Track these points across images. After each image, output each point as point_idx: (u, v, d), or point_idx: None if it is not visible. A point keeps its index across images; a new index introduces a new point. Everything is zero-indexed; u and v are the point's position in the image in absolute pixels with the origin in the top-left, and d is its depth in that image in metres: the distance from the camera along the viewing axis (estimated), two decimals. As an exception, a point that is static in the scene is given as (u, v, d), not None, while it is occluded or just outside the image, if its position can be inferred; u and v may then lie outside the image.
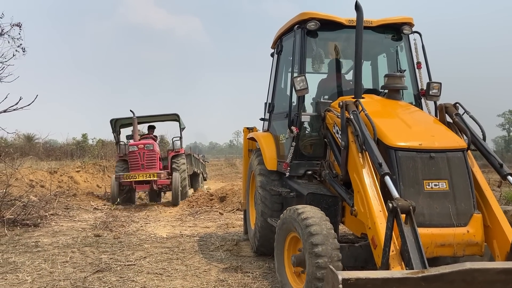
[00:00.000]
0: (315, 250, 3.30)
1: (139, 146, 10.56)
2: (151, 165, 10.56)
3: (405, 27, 5.07)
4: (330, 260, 3.27)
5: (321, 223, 3.47)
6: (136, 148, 10.54)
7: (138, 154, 10.50)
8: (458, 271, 2.16)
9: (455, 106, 4.20)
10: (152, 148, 10.62)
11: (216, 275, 4.80)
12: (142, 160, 10.46)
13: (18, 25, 7.32)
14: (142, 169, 10.36)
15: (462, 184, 3.49)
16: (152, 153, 10.63)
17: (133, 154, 10.58)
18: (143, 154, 10.50)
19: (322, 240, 3.34)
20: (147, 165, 10.47)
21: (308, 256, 3.37)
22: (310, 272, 3.34)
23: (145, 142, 10.76)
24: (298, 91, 4.57)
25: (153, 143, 10.85)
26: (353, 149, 3.76)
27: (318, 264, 3.25)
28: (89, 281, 4.58)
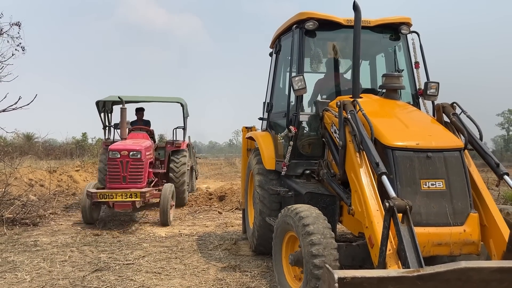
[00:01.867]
0: (312, 250, 3.32)
1: (122, 152, 7.51)
2: (136, 178, 7.56)
3: (403, 27, 5.09)
4: (327, 260, 3.28)
5: (318, 222, 3.50)
6: (118, 154, 7.50)
7: (120, 163, 7.48)
8: (454, 270, 2.18)
9: (453, 105, 4.22)
10: (139, 157, 7.60)
11: (214, 274, 4.82)
12: (124, 171, 7.47)
13: (17, 24, 7.33)
14: (124, 182, 7.43)
15: (459, 183, 3.51)
16: (138, 163, 7.60)
17: (114, 162, 7.51)
18: (126, 164, 7.48)
19: (319, 239, 3.36)
20: (131, 179, 7.51)
21: (305, 255, 3.38)
22: (307, 271, 3.35)
23: (131, 148, 7.66)
24: (296, 91, 4.58)
25: (141, 150, 7.72)
26: (350, 149, 3.78)
27: (315, 263, 3.27)
28: (88, 280, 4.60)
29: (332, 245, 3.38)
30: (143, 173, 7.70)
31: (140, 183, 7.54)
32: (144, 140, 8.63)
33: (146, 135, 9.07)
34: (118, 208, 7.20)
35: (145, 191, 7.22)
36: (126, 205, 7.09)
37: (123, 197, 7.07)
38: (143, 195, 7.14)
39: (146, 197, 7.26)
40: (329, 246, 3.36)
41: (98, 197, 7.03)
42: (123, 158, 7.49)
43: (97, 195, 7.04)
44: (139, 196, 7.10)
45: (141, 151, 7.71)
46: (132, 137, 8.77)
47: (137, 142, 8.22)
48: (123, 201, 7.06)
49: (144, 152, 7.80)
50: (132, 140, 8.39)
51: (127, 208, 7.19)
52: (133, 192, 7.13)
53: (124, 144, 7.85)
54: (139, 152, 7.67)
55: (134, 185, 7.43)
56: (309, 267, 3.31)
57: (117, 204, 7.09)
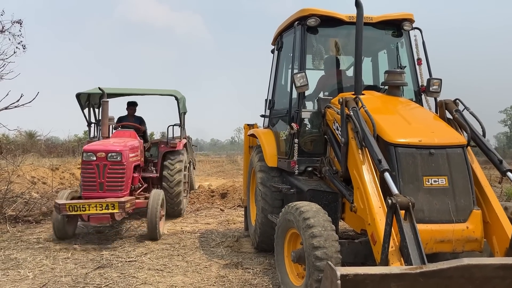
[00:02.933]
0: (313, 242, 3.33)
1: (99, 154, 6.18)
2: (115, 185, 6.24)
3: (406, 23, 5.07)
4: (328, 251, 3.30)
5: (318, 215, 3.51)
6: (93, 157, 6.17)
7: (96, 167, 6.15)
8: (456, 267, 2.17)
9: (455, 102, 4.21)
10: (120, 160, 6.27)
11: (216, 271, 4.82)
12: (101, 177, 6.16)
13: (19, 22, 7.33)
14: (101, 191, 6.14)
15: (461, 180, 3.49)
16: (118, 167, 6.26)
17: (88, 166, 6.19)
18: (104, 168, 6.17)
19: (320, 232, 3.37)
20: (109, 186, 6.20)
21: (307, 248, 3.39)
22: (309, 264, 3.36)
23: (110, 149, 6.29)
24: (298, 88, 4.57)
25: (122, 151, 6.35)
26: (353, 146, 3.77)
27: (316, 255, 3.27)
28: (90, 277, 4.61)
29: (333, 237, 3.39)
30: (125, 179, 6.33)
31: (120, 191, 6.23)
32: (130, 139, 7.17)
33: (134, 133, 7.53)
34: (94, 222, 5.97)
35: (124, 201, 5.86)
36: (103, 218, 5.86)
37: (98, 208, 5.78)
38: (122, 206, 5.82)
39: (126, 208, 5.93)
40: (330, 238, 3.37)
41: (68, 209, 5.73)
42: (99, 161, 6.15)
43: (65, 207, 5.71)
44: (117, 207, 5.81)
45: (122, 152, 6.29)
46: (117, 135, 7.36)
47: (119, 141, 6.79)
48: (98, 214, 5.81)
49: (126, 153, 6.39)
50: (113, 139, 7.00)
51: (105, 222, 6.04)
52: (110, 202, 5.83)
53: (102, 144, 6.47)
54: (120, 154, 6.26)
55: (113, 193, 6.14)
56: (311, 260, 3.32)
57: (92, 217, 5.85)
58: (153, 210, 6.21)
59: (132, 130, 7.61)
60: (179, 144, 8.18)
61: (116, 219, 5.99)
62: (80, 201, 5.88)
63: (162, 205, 6.61)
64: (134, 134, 7.49)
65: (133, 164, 6.75)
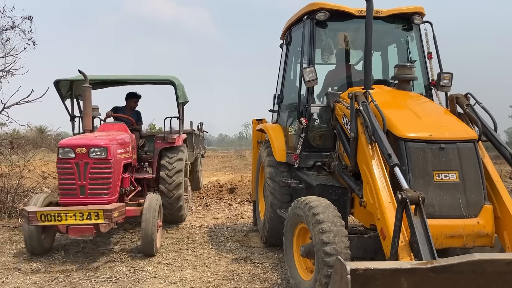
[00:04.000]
0: (322, 237, 3.32)
1: (78, 149, 4.98)
2: (100, 189, 5.05)
3: (416, 17, 5.02)
4: (337, 247, 3.29)
5: (328, 210, 3.50)
6: (72, 153, 4.98)
7: (75, 166, 4.96)
8: (468, 262, 2.16)
9: (466, 96, 4.17)
10: (105, 156, 5.07)
11: (225, 266, 4.85)
12: (82, 178, 4.97)
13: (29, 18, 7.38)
14: (82, 196, 4.97)
15: (472, 175, 3.46)
16: (103, 165, 5.07)
17: (66, 165, 4.99)
18: (85, 167, 4.97)
19: (329, 227, 3.36)
20: (92, 190, 5.01)
21: (316, 243, 3.39)
22: (318, 259, 3.36)
23: (92, 143, 5.08)
24: (307, 82, 4.56)
25: (107, 146, 5.11)
26: (362, 140, 3.75)
27: (326, 251, 3.27)
28: (101, 270, 4.66)
29: (342, 232, 3.38)
30: (112, 180, 5.09)
31: (106, 196, 5.02)
32: (119, 132, 5.93)
33: (124, 126, 6.22)
34: (74, 235, 4.72)
35: (111, 209, 4.69)
36: (85, 229, 4.68)
37: (78, 218, 4.62)
38: (108, 215, 4.66)
39: (114, 218, 4.75)
40: (340, 234, 3.36)
41: (39, 218, 4.60)
42: (80, 158, 4.93)
43: (36, 216, 4.60)
44: (102, 216, 4.64)
45: (108, 147, 5.07)
46: (104, 129, 6.12)
47: (104, 134, 5.60)
48: (78, 225, 4.66)
49: (113, 149, 5.17)
50: (98, 133, 5.85)
51: (88, 234, 4.72)
52: (93, 210, 4.65)
53: (83, 138, 5.26)
54: (105, 149, 5.03)
55: (98, 199, 4.96)
56: (320, 255, 3.31)
57: (71, 228, 4.70)
58: (149, 221, 5.05)
59: (122, 123, 6.29)
60: (178, 139, 6.90)
61: (102, 231, 4.76)
62: (55, 209, 4.74)
63: (159, 213, 5.47)
64: (124, 127, 6.20)
65: (123, 162, 5.49)
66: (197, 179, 10.43)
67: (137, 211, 5.31)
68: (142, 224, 5.06)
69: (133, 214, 5.36)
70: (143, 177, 6.47)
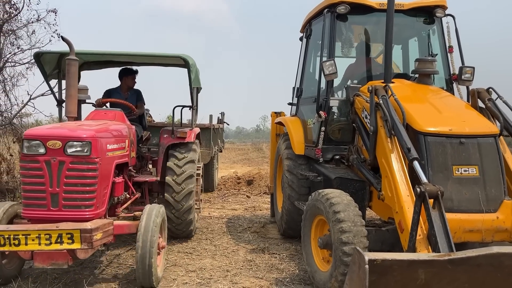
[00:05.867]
0: (342, 237, 3.35)
1: (50, 143, 3.55)
2: (80, 199, 3.63)
3: (438, 10, 4.98)
4: (353, 224, 3.34)
5: (348, 209, 3.51)
6: (42, 148, 3.55)
7: (46, 165, 3.55)
8: (485, 255, 2.18)
9: (488, 91, 4.14)
10: (88, 154, 3.62)
11: (244, 256, 4.94)
12: (55, 183, 3.56)
13: (53, 11, 7.55)
14: (54, 208, 3.56)
15: (493, 170, 3.46)
16: (85, 166, 3.65)
17: (32, 163, 3.57)
18: (59, 168, 3.56)
19: (350, 227, 3.38)
20: (69, 200, 3.60)
21: (335, 241, 3.42)
22: (336, 257, 3.39)
23: (70, 135, 3.62)
24: (327, 76, 4.58)
25: (91, 139, 3.66)
26: (381, 134, 3.77)
27: (344, 251, 3.30)
28: (123, 257, 4.80)
29: (362, 233, 3.40)
30: (97, 187, 3.75)
31: (88, 210, 3.67)
32: (113, 122, 4.61)
33: (120, 114, 4.92)
34: (42, 263, 3.37)
35: (90, 229, 3.41)
36: (57, 255, 3.36)
37: (44, 241, 3.31)
38: (88, 238, 3.38)
39: (96, 241, 3.46)
40: (359, 234, 3.38)
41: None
42: (52, 155, 3.57)
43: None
44: (79, 238, 3.36)
45: (93, 141, 3.70)
46: (95, 117, 4.81)
47: (90, 124, 4.21)
48: (45, 250, 3.34)
49: (100, 143, 3.83)
50: (81, 122, 4.51)
51: (61, 262, 3.38)
52: (65, 231, 3.35)
53: (59, 127, 3.83)
54: (88, 143, 3.66)
55: (76, 213, 3.62)
56: (339, 254, 3.35)
57: (37, 254, 3.36)
58: (145, 242, 3.66)
59: (119, 110, 4.96)
60: (189, 134, 5.50)
61: (80, 257, 3.48)
62: (11, 228, 3.39)
63: (162, 230, 4.20)
64: (121, 116, 4.90)
65: (115, 162, 4.18)
66: (211, 179, 9.61)
67: (131, 227, 3.95)
68: (137, 247, 3.66)
69: (127, 232, 3.99)
70: (144, 180, 5.12)
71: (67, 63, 4.20)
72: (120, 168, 4.49)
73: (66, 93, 4.28)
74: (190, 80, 5.43)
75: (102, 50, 5.38)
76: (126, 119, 4.96)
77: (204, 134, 7.67)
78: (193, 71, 5.44)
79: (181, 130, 5.46)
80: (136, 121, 5.55)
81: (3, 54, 7.37)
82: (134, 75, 5.87)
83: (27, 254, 3.42)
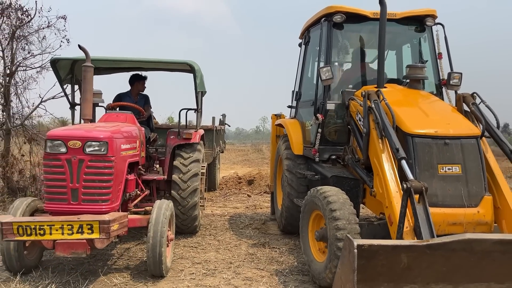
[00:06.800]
0: (337, 234, 3.64)
1: (71, 143, 3.97)
2: (98, 194, 4.04)
3: (428, 19, 5.30)
4: (347, 222, 3.64)
5: (344, 208, 3.81)
6: (63, 147, 3.97)
7: (67, 163, 3.97)
8: (459, 241, 2.51)
9: (473, 95, 4.46)
10: (105, 153, 4.06)
11: (246, 250, 5.26)
12: (75, 180, 3.98)
13: (63, 18, 7.87)
14: (74, 202, 3.98)
15: (474, 168, 3.78)
16: (102, 164, 4.07)
17: (55, 161, 3.99)
18: (79, 165, 3.98)
19: (344, 225, 3.67)
20: (88, 195, 4.01)
21: (331, 237, 3.72)
22: (331, 251, 3.69)
23: (89, 135, 4.04)
24: (324, 81, 4.89)
25: (108, 139, 4.09)
26: (373, 136, 4.09)
27: (339, 246, 3.60)
28: (132, 251, 5.12)
29: (355, 230, 3.70)
30: (112, 183, 4.12)
31: (105, 204, 4.05)
32: (125, 124, 4.98)
33: (131, 117, 5.31)
34: (62, 252, 3.71)
35: (108, 220, 3.71)
36: (77, 245, 3.70)
37: (66, 231, 3.66)
38: (106, 228, 3.70)
39: (113, 232, 3.80)
40: (353, 231, 3.68)
41: (16, 232, 3.67)
42: (72, 154, 3.95)
43: (12, 229, 3.66)
44: (97, 229, 3.68)
45: (109, 141, 4.10)
46: (107, 119, 5.19)
47: (106, 125, 4.59)
48: (67, 240, 3.68)
49: (115, 144, 4.20)
50: (98, 123, 4.94)
51: (80, 251, 3.71)
52: (86, 222, 3.68)
53: (79, 128, 4.23)
54: (105, 143, 4.06)
55: (94, 206, 3.99)
56: (333, 248, 3.66)
57: (59, 244, 3.69)
58: (156, 233, 4.06)
59: (130, 113, 5.35)
60: (195, 135, 5.90)
61: (97, 247, 3.82)
62: (36, 219, 3.76)
63: (170, 224, 4.55)
64: (132, 118, 5.27)
65: (128, 161, 4.54)
66: (213, 178, 9.92)
67: (142, 221, 4.33)
68: (148, 237, 4.07)
69: (138, 225, 4.37)
70: (152, 178, 5.41)
71: (84, 70, 4.62)
72: (131, 167, 4.80)
73: (82, 97, 4.71)
74: (196, 84, 5.85)
75: (113, 57, 5.80)
76: (136, 122, 5.35)
77: (207, 135, 8.07)
78: (198, 76, 5.86)
79: (187, 131, 5.85)
80: (144, 123, 5.92)
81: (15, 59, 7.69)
82: (144, 81, 6.31)
83: (49, 243, 3.79)
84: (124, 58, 5.75)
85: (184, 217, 5.61)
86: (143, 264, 4.63)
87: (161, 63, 6.06)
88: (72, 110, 5.87)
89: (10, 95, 7.65)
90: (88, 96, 4.63)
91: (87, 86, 4.63)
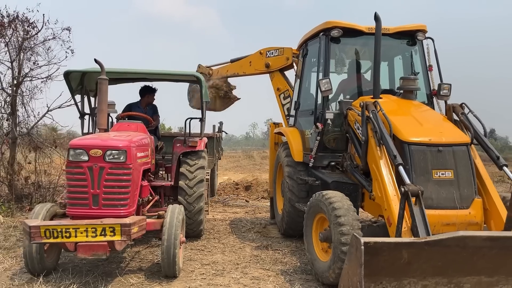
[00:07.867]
0: (341, 238, 3.90)
1: (93, 152, 4.27)
2: (118, 199, 4.33)
3: (419, 34, 5.68)
4: (351, 228, 3.91)
5: (342, 200, 4.13)
6: (85, 155, 4.28)
7: (88, 171, 4.26)
8: (453, 238, 2.83)
9: (462, 106, 4.83)
10: (124, 160, 4.36)
11: (250, 251, 5.54)
12: (96, 186, 4.26)
13: (67, 29, 8.09)
14: (95, 207, 4.26)
15: (465, 173, 4.13)
16: (121, 171, 4.36)
17: (77, 169, 4.28)
18: (100, 172, 4.27)
19: (348, 230, 3.92)
20: (108, 200, 4.29)
21: (335, 241, 3.98)
22: (335, 254, 3.95)
23: (109, 144, 4.35)
24: (323, 92, 5.22)
25: (127, 148, 4.39)
26: (372, 143, 4.41)
27: (341, 232, 3.89)
28: (142, 254, 5.37)
29: (355, 216, 4.00)
30: (130, 189, 4.40)
31: (124, 208, 4.33)
32: (137, 133, 5.24)
33: (142, 126, 5.61)
34: (84, 253, 3.95)
35: (129, 223, 3.99)
36: (98, 247, 3.94)
37: (90, 234, 3.92)
38: (127, 231, 3.96)
39: (133, 234, 4.05)
40: (353, 217, 3.97)
41: (43, 235, 3.91)
42: (94, 161, 4.24)
43: (39, 232, 3.90)
44: (119, 232, 3.94)
45: (128, 149, 4.38)
46: (119, 129, 5.46)
47: (122, 135, 4.88)
48: (90, 242, 3.93)
49: (133, 152, 4.46)
50: (114, 133, 5.14)
51: (101, 253, 3.97)
52: (108, 225, 3.95)
53: (98, 138, 4.51)
54: (124, 151, 4.35)
55: (114, 210, 4.27)
56: (337, 252, 3.92)
57: (81, 246, 3.94)
58: (171, 236, 4.33)
59: (140, 123, 5.64)
60: (200, 143, 6.20)
61: (117, 249, 4.07)
62: (62, 223, 4.00)
63: (182, 227, 4.77)
64: (142, 128, 5.57)
65: (142, 168, 4.83)
66: (212, 185, 10.08)
67: (156, 224, 4.57)
68: (162, 239, 4.32)
69: (152, 228, 4.58)
70: (161, 184, 5.65)
71: (99, 82, 4.88)
72: (144, 174, 5.01)
73: (98, 107, 4.96)
74: (201, 94, 6.15)
75: (124, 69, 6.15)
76: (146, 131, 5.64)
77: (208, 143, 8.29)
78: (204, 87, 6.15)
79: (192, 139, 6.16)
80: (152, 132, 6.18)
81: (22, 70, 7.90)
82: (154, 93, 6.71)
83: (72, 246, 4.07)
84: (135, 70, 6.11)
85: (190, 221, 5.87)
86: (155, 265, 4.90)
87: (169, 74, 6.38)
88: (82, 120, 6.13)
89: (16, 105, 7.85)
90: (103, 107, 4.89)
91: (102, 97, 4.87)
